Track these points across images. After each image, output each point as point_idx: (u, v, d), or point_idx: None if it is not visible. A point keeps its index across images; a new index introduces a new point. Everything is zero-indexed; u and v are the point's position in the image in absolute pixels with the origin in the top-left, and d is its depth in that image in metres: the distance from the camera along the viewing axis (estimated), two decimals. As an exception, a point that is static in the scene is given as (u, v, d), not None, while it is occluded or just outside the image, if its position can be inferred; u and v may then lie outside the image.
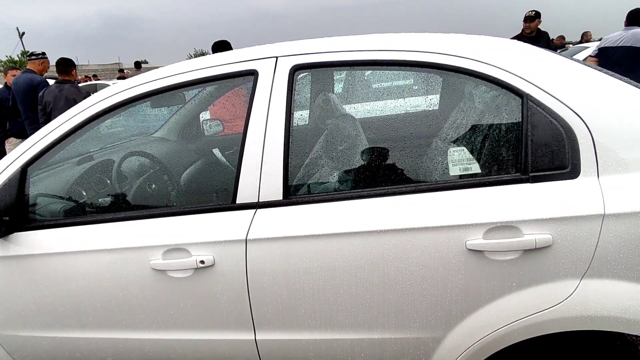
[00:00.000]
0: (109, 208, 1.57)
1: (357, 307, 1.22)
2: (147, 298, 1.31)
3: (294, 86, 1.29)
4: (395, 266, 1.16)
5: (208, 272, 1.25)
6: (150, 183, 1.75)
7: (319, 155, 1.41)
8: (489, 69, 1.18)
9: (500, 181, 1.15)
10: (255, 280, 1.23)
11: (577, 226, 1.07)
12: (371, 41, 1.31)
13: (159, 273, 1.28)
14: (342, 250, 1.18)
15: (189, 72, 1.37)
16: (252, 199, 1.26)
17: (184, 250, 1.26)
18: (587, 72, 1.18)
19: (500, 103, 1.21)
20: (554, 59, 1.21)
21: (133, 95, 1.38)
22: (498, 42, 1.29)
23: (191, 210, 1.31)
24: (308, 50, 1.31)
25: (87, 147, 1.92)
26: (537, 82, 1.15)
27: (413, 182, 1.26)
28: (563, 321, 1.11)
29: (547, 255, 1.09)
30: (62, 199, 1.54)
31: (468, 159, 1.23)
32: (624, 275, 1.07)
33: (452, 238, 1.12)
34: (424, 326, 1.21)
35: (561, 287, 1.10)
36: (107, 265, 1.31)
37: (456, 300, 1.17)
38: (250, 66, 1.33)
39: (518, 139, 1.16)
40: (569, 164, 1.11)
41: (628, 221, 1.05)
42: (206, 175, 1.83)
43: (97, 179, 1.74)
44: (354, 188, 1.31)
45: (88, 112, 1.39)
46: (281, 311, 1.26)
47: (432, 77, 1.38)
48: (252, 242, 1.22)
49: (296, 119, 1.34)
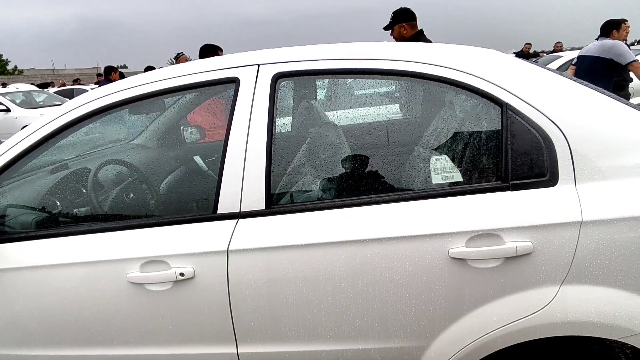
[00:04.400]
0: (85, 219, 1.52)
1: (341, 317, 1.21)
2: (124, 313, 1.26)
3: (276, 94, 1.28)
4: (379, 275, 1.16)
5: (188, 284, 1.22)
6: (128, 192, 1.70)
7: (301, 163, 1.40)
8: (469, 78, 1.20)
9: (481, 189, 1.16)
10: (237, 292, 1.21)
11: (556, 233, 1.09)
12: (353, 50, 1.31)
13: (137, 286, 1.24)
14: (326, 260, 1.17)
15: (169, 79, 1.34)
16: (233, 208, 1.24)
17: (163, 263, 1.22)
18: (563, 82, 1.21)
19: (480, 112, 1.23)
20: (531, 69, 1.24)
21: (111, 102, 1.34)
22: (478, 51, 1.32)
23: (171, 220, 1.27)
24: (290, 58, 1.30)
25: (61, 155, 1.86)
26: (516, 92, 1.17)
27: (396, 190, 1.26)
28: (544, 327, 1.13)
29: (528, 262, 1.11)
30: (34, 210, 1.48)
31: (450, 167, 1.24)
32: (602, 280, 1.10)
33: (435, 247, 1.13)
34: (409, 335, 1.20)
35: (542, 294, 1.12)
36: (82, 279, 1.26)
37: (440, 309, 1.17)
38: (232, 74, 1.31)
39: (498, 147, 1.18)
40: (548, 172, 1.13)
41: (604, 228, 1.07)
42: (186, 184, 1.79)
43: (72, 188, 1.67)
44: (337, 197, 1.30)
45: (63, 119, 1.34)
46: (264, 323, 1.23)
47: (414, 85, 1.39)
48: (233, 253, 1.20)
49: (278, 127, 1.32)
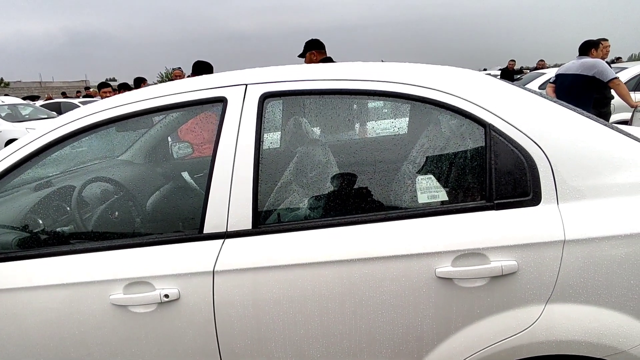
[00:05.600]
0: (67, 239, 1.48)
1: (329, 337, 1.19)
2: (107, 336, 1.23)
3: (263, 114, 1.28)
4: (367, 295, 1.15)
5: (173, 306, 1.20)
6: (113, 211, 1.67)
7: (289, 182, 1.40)
8: (452, 99, 1.22)
9: (466, 208, 1.18)
10: (223, 313, 1.19)
11: (540, 252, 1.10)
12: (340, 70, 1.33)
13: (120, 308, 1.21)
14: (313, 281, 1.16)
15: (157, 98, 1.34)
16: (220, 228, 1.23)
17: (147, 284, 1.20)
18: (544, 103, 1.25)
19: (464, 132, 1.25)
20: (513, 90, 1.27)
21: (98, 121, 1.33)
22: (461, 73, 1.35)
23: (155, 241, 1.25)
24: (278, 78, 1.32)
25: (46, 171, 1.82)
26: (499, 113, 1.20)
27: (383, 209, 1.27)
28: (531, 347, 1.13)
29: (513, 281, 1.12)
30: (15, 229, 1.44)
31: (435, 186, 1.25)
32: (586, 299, 1.11)
33: (422, 266, 1.13)
34: (397, 355, 1.19)
35: (527, 313, 1.13)
36: (63, 301, 1.22)
37: (428, 329, 1.16)
38: (219, 93, 1.31)
39: (482, 167, 1.20)
40: (531, 192, 1.15)
41: (587, 246, 1.09)
42: (172, 203, 1.77)
43: (55, 206, 1.64)
44: (324, 216, 1.30)
45: (48, 137, 1.33)
46: (250, 345, 1.21)
47: (399, 106, 1.42)
48: (219, 273, 1.18)
49: (266, 146, 1.32)
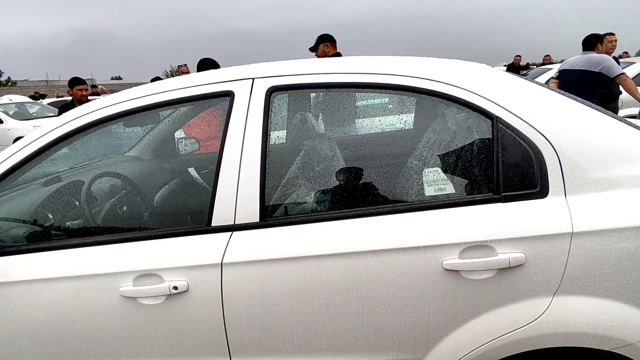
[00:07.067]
0: (77, 232, 1.51)
1: (336, 330, 1.20)
2: (116, 327, 1.25)
3: (270, 107, 1.29)
4: (374, 287, 1.16)
5: (181, 298, 1.21)
6: (121, 205, 1.69)
7: (295, 176, 1.41)
8: (459, 92, 1.22)
9: (473, 201, 1.18)
10: (231, 305, 1.20)
11: (548, 244, 1.10)
12: (346, 64, 1.33)
13: (129, 300, 1.23)
14: (320, 273, 1.17)
15: (164, 92, 1.34)
16: (228, 221, 1.24)
17: (156, 276, 1.21)
18: (552, 95, 1.24)
19: (471, 125, 1.25)
20: (520, 83, 1.27)
21: (106, 115, 1.34)
22: (468, 65, 1.34)
23: (164, 234, 1.26)
24: (285, 72, 1.32)
25: (55, 167, 1.85)
26: (506, 105, 1.19)
27: (389, 202, 1.27)
28: (538, 339, 1.13)
29: (521, 273, 1.11)
30: (26, 223, 1.47)
31: (442, 179, 1.25)
32: (594, 291, 1.11)
33: (429, 258, 1.13)
34: (403, 348, 1.20)
35: (535, 305, 1.12)
36: (74, 294, 1.24)
37: (435, 321, 1.17)
38: (227, 87, 1.32)
39: (490, 159, 1.19)
40: (538, 184, 1.15)
41: (595, 239, 1.09)
42: (180, 197, 1.79)
43: (65, 201, 1.66)
44: (331, 209, 1.31)
45: (57, 132, 1.34)
46: (258, 337, 1.22)
47: (407, 99, 1.42)
48: (227, 266, 1.19)
49: (273, 140, 1.33)
